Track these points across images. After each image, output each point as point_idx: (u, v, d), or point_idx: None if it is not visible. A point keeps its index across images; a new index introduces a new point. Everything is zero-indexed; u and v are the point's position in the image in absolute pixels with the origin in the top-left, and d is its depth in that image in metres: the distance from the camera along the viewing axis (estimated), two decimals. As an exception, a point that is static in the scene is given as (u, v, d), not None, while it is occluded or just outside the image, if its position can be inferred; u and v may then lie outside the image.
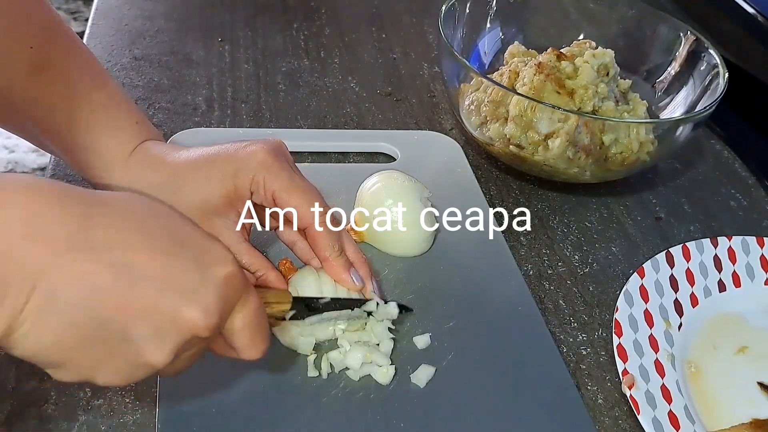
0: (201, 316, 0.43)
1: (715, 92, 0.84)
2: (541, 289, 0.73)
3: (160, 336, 0.43)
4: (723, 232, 0.81)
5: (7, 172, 2.21)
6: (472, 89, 0.85)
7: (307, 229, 0.61)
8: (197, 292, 0.43)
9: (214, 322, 0.44)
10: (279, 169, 0.59)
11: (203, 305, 0.43)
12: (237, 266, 0.46)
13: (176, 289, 0.43)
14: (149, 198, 0.47)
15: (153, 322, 0.42)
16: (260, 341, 0.48)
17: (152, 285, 0.42)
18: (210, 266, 0.44)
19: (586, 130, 0.79)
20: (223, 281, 0.45)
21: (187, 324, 0.43)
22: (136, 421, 0.56)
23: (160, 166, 0.61)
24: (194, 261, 0.44)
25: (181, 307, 0.43)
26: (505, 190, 0.85)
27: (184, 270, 0.43)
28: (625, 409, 0.63)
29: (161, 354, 0.43)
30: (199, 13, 1.08)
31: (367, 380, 0.60)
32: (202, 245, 0.45)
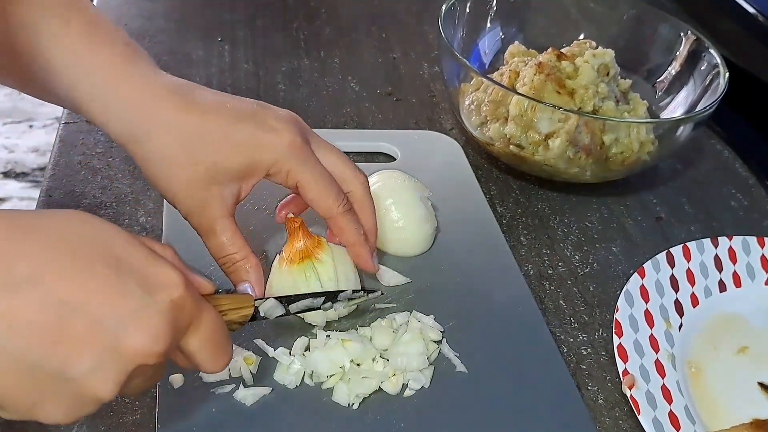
0: (145, 343, 0.40)
1: (716, 92, 0.84)
2: (542, 289, 0.73)
3: (102, 368, 0.40)
4: (723, 232, 0.81)
5: (6, 172, 2.21)
6: (472, 89, 0.85)
7: (332, 218, 0.60)
8: (140, 319, 0.40)
9: (161, 349, 0.41)
10: (305, 158, 0.58)
11: (148, 332, 0.40)
12: (186, 288, 0.43)
13: (115, 318, 0.40)
14: (88, 216, 0.43)
15: (92, 354, 0.39)
16: (220, 356, 0.46)
17: (86, 316, 0.39)
18: (155, 291, 0.41)
19: (586, 130, 0.79)
20: (170, 306, 0.42)
21: (130, 352, 0.40)
22: (136, 421, 0.56)
23: (173, 100, 0.56)
24: (136, 286, 0.41)
25: (122, 335, 0.40)
26: (505, 190, 0.85)
27: (124, 296, 0.40)
28: (626, 410, 0.63)
29: (106, 387, 0.40)
30: (199, 13, 1.07)
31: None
32: (146, 269, 0.42)
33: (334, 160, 0.61)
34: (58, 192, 0.75)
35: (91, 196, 0.75)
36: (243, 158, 0.57)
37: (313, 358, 0.59)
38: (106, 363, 0.40)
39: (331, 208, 0.60)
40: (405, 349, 0.61)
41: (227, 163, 0.57)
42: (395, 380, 0.60)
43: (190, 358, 0.46)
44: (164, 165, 0.56)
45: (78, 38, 0.56)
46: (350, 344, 0.60)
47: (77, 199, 0.74)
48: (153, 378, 0.44)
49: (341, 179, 0.61)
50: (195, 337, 0.44)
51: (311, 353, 0.60)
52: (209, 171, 0.56)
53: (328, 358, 0.59)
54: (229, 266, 0.59)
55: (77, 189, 0.75)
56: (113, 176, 0.78)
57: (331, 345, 0.60)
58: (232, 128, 0.57)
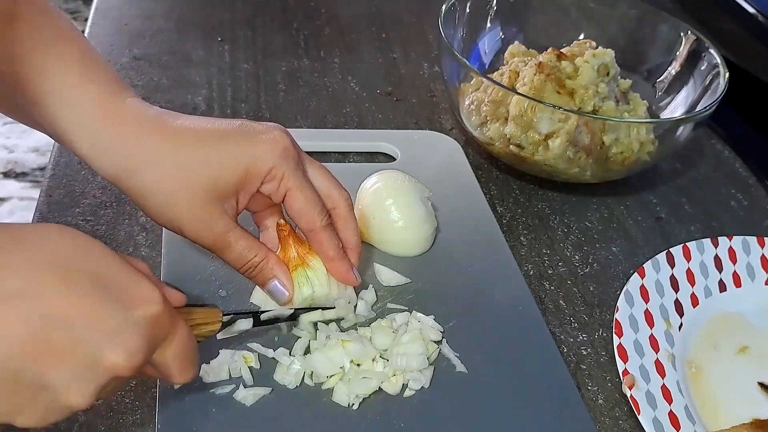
0: (124, 358, 0.42)
1: (716, 92, 0.84)
2: (542, 289, 0.73)
3: (80, 380, 0.42)
4: (723, 232, 0.81)
5: (6, 172, 2.21)
6: (472, 89, 0.85)
7: (312, 231, 0.60)
8: (120, 335, 0.42)
9: (138, 363, 0.43)
10: (297, 167, 0.59)
11: (126, 347, 0.42)
12: (163, 304, 0.44)
13: (96, 333, 0.42)
14: (71, 232, 0.44)
15: (71, 367, 0.41)
16: (189, 368, 0.48)
17: (69, 331, 0.41)
18: (134, 307, 0.43)
19: (586, 130, 0.79)
20: (148, 322, 0.43)
21: (108, 366, 0.42)
22: (136, 421, 0.56)
23: (162, 131, 0.56)
24: (117, 302, 0.43)
25: (102, 350, 0.42)
26: (505, 190, 0.85)
27: (105, 312, 0.42)
28: (626, 410, 0.63)
29: (82, 397, 0.42)
30: (199, 12, 1.07)
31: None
32: (126, 285, 0.43)
33: (320, 176, 0.62)
34: (58, 192, 0.75)
35: (91, 196, 0.75)
36: (240, 170, 0.57)
37: (313, 358, 0.59)
38: (83, 376, 0.42)
39: (314, 221, 0.60)
40: (405, 349, 0.61)
41: (226, 177, 0.57)
42: (395, 380, 0.60)
43: (161, 369, 0.47)
44: (163, 196, 0.56)
45: (67, 72, 0.56)
46: (350, 344, 0.60)
47: (77, 199, 0.74)
48: (119, 387, 0.46)
49: (326, 195, 0.62)
50: (168, 350, 0.46)
51: (311, 354, 0.60)
52: (209, 191, 0.57)
53: (327, 358, 0.59)
54: (252, 271, 0.60)
55: (77, 189, 0.75)
56: (113, 176, 0.77)
57: (331, 345, 0.60)
58: (225, 145, 0.57)
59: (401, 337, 0.62)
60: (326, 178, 0.62)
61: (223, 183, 0.57)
